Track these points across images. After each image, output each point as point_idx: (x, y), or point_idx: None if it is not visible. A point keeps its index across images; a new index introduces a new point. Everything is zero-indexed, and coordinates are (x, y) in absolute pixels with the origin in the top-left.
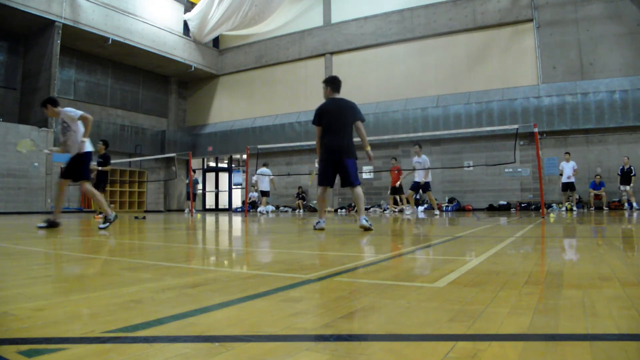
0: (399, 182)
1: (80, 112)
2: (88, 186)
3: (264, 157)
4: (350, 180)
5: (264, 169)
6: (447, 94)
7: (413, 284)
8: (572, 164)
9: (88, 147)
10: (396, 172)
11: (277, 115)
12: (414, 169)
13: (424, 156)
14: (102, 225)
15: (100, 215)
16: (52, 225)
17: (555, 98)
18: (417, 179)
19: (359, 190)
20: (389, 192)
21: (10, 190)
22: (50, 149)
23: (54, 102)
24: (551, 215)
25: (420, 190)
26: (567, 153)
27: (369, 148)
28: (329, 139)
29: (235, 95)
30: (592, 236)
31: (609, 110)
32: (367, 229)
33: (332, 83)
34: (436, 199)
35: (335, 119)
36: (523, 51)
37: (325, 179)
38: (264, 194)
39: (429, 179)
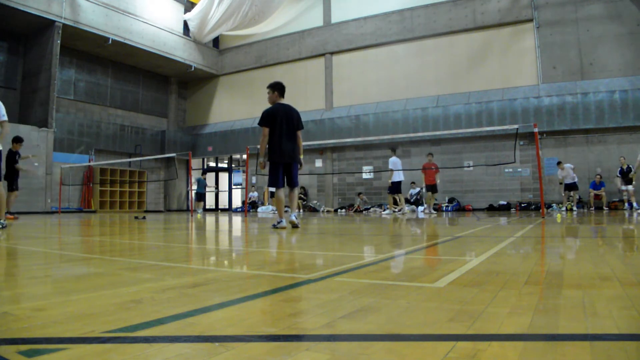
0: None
1: (4, 117)
2: None
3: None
4: (294, 181)
5: None
6: (447, 94)
7: (413, 284)
8: (568, 166)
9: None
10: (433, 169)
11: None
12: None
13: (391, 159)
14: None
15: (12, 216)
16: None
17: (555, 98)
18: (396, 179)
19: (296, 191)
20: (424, 189)
21: None
22: None
23: None
24: (558, 215)
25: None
26: (559, 162)
27: (302, 155)
28: (281, 143)
29: (235, 95)
30: (592, 236)
31: (608, 110)
32: (294, 226)
33: (279, 88)
34: (436, 199)
35: (286, 124)
36: (523, 51)
37: (279, 181)
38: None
39: (395, 179)
